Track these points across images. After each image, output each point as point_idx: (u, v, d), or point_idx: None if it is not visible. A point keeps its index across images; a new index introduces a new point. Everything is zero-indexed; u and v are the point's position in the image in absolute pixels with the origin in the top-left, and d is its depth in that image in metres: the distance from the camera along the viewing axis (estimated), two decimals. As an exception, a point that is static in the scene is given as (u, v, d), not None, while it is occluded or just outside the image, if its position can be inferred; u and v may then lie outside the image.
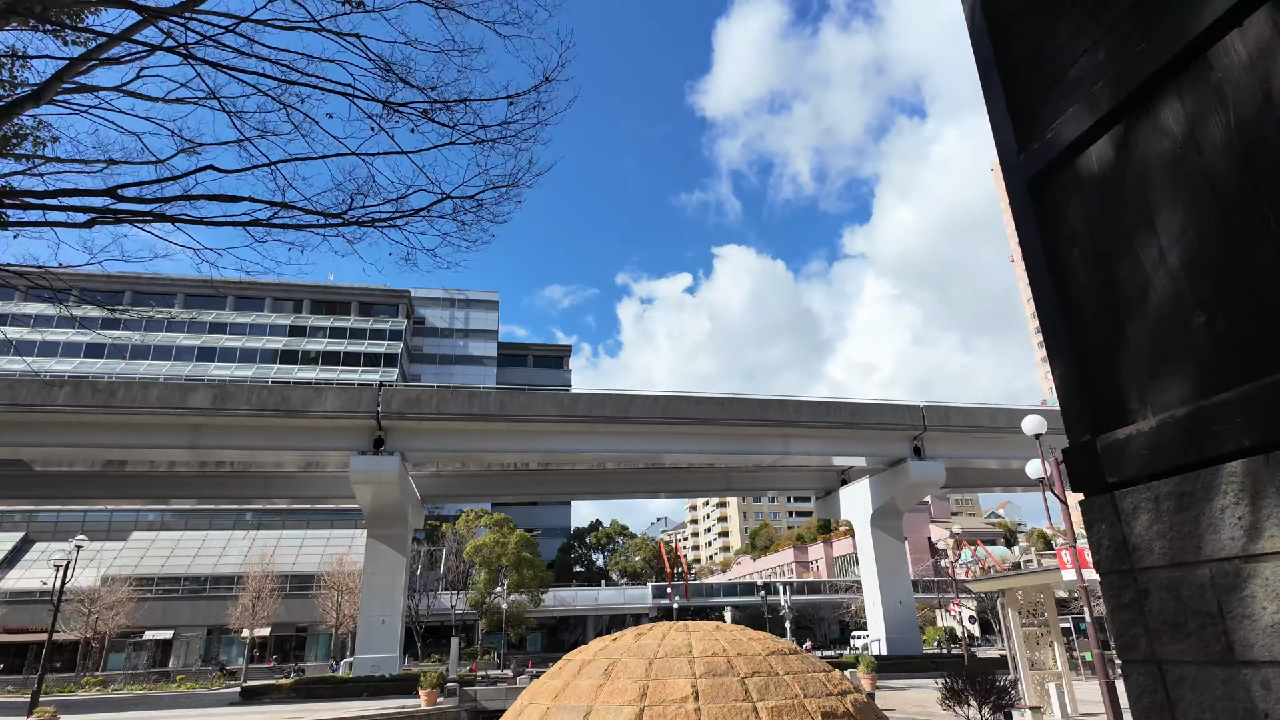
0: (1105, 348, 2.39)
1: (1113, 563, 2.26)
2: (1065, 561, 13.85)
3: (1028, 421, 15.14)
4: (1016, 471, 49.05)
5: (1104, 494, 2.31)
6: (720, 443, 40.46)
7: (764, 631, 14.42)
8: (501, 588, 59.91)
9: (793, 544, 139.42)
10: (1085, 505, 2.38)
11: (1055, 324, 2.57)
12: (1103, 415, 2.38)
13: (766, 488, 52.98)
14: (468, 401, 37.12)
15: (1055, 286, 2.56)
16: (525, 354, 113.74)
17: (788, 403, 40.70)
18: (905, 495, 42.96)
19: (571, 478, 50.13)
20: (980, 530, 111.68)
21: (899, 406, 41.98)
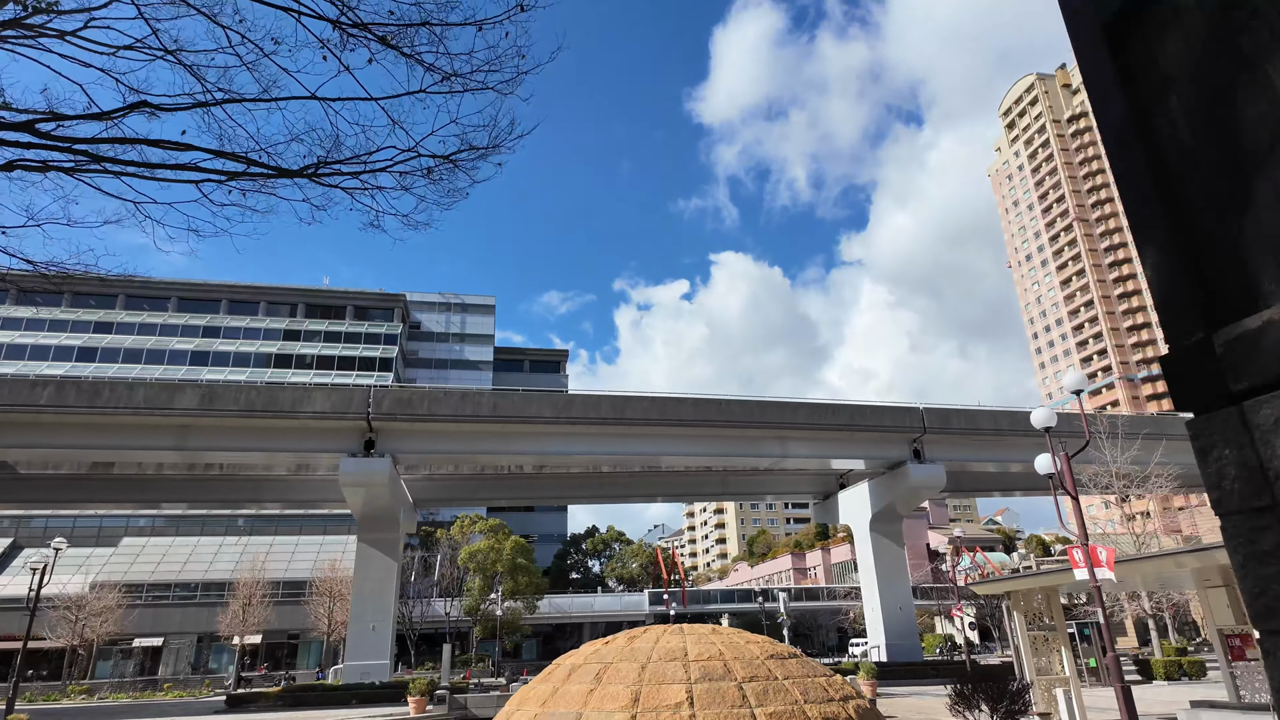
0: (1222, 215, 1.80)
1: (1244, 498, 1.67)
2: (1077, 560, 13.23)
3: (1037, 414, 14.56)
4: (1017, 475, 48.51)
5: (1227, 407, 1.72)
6: (717, 445, 39.79)
7: (764, 635, 13.64)
8: (496, 594, 59.09)
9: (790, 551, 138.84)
10: (1199, 425, 1.78)
11: (1146, 199, 1.98)
12: (1221, 304, 1.78)
13: (764, 492, 52.27)
14: (460, 403, 36.44)
15: (1147, 151, 1.98)
16: (521, 359, 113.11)
17: (785, 404, 40.08)
18: (905, 499, 42.32)
19: (566, 481, 49.44)
20: (979, 537, 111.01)
21: (898, 409, 41.38)
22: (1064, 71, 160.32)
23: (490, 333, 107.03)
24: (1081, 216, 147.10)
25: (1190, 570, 16.68)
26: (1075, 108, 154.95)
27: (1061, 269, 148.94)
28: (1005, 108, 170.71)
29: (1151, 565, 14.83)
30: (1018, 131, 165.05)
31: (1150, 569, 14.90)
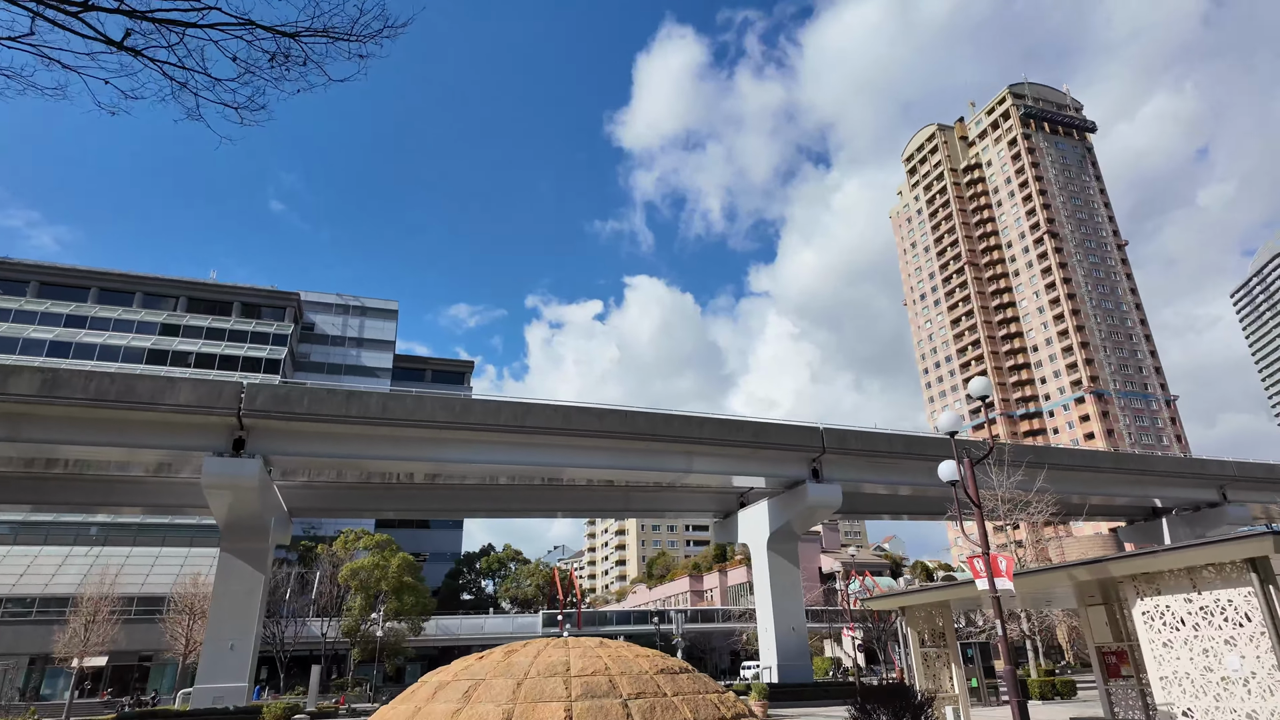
0: None
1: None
2: (978, 569, 12.90)
3: (943, 417, 14.25)
4: (907, 498, 49.78)
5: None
6: (622, 457, 38.74)
7: (655, 650, 12.36)
8: (378, 614, 55.50)
9: (689, 573, 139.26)
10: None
11: None
12: None
13: (666, 509, 51.53)
14: (345, 402, 33.86)
15: None
16: (424, 368, 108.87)
17: (692, 419, 39.53)
18: (802, 517, 42.49)
19: (462, 493, 47.09)
20: (868, 561, 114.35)
21: (800, 428, 41.65)
22: (961, 124, 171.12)
23: (391, 339, 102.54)
24: (972, 260, 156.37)
25: (1077, 586, 16.84)
26: (970, 159, 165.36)
27: (952, 309, 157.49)
28: (908, 154, 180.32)
29: (1048, 578, 14.77)
30: (918, 177, 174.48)
31: (1046, 581, 14.85)
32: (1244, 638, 11.27)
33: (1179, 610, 12.27)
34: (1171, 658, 12.33)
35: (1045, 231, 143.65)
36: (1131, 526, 61.71)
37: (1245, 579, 11.24)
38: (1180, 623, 12.23)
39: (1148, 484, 53.03)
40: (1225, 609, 11.57)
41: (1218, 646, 11.66)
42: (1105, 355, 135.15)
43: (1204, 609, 11.89)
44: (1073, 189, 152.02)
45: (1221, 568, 11.65)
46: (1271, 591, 10.97)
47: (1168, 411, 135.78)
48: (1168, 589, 12.46)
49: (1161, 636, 12.53)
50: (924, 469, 44.03)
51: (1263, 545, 10.79)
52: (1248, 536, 11.07)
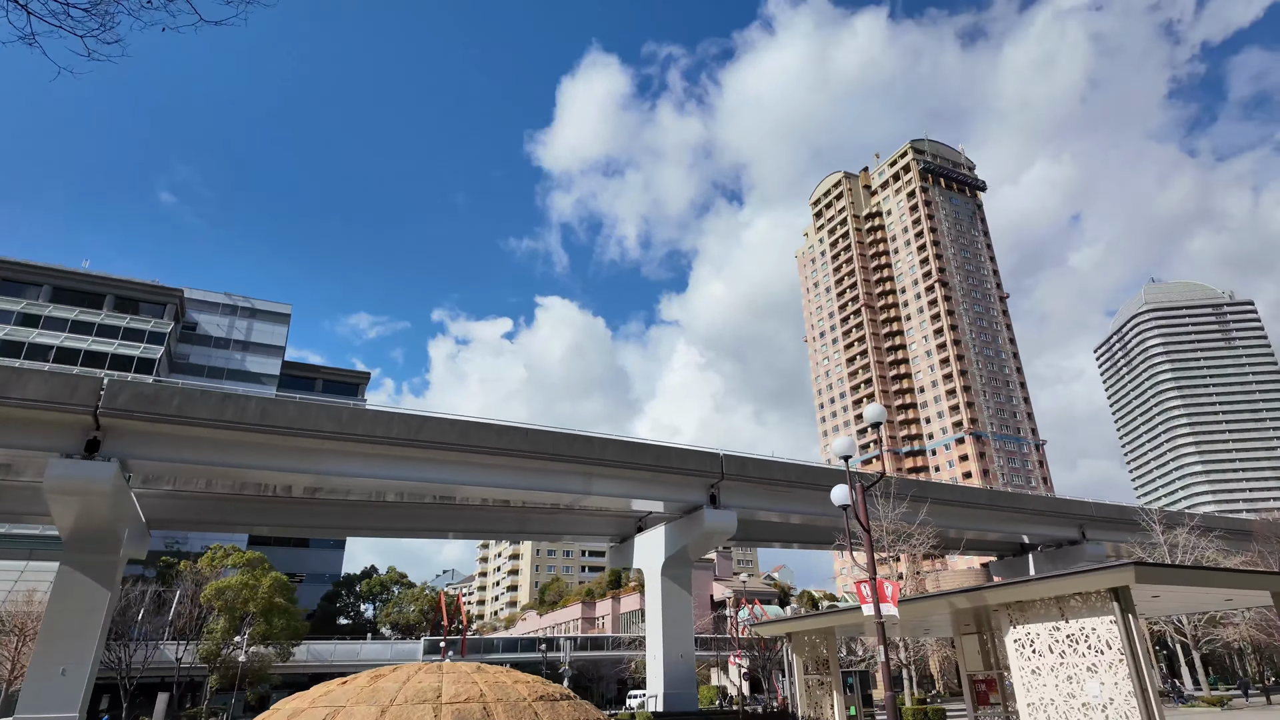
0: None
1: None
2: (864, 595, 13.00)
3: (838, 442, 14.42)
4: (799, 527, 50.88)
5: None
6: (519, 476, 37.65)
7: (536, 676, 11.64)
8: (242, 638, 51.45)
9: (581, 599, 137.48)
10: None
11: None
12: None
13: (564, 531, 50.50)
14: (220, 405, 31.35)
15: None
16: (314, 377, 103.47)
17: (595, 439, 39.01)
18: (698, 543, 42.57)
19: (345, 510, 44.58)
20: (759, 590, 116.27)
21: (701, 453, 41.89)
22: (866, 174, 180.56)
23: (280, 344, 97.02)
24: (869, 303, 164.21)
25: (954, 614, 17.36)
26: (872, 207, 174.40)
27: (849, 348, 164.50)
28: (815, 198, 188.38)
29: (929, 605, 15.09)
30: (823, 221, 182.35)
31: (927, 609, 15.18)
32: (1104, 665, 11.78)
33: (1047, 638, 12.75)
34: (1039, 685, 12.77)
35: (936, 280, 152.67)
36: (1001, 561, 65.38)
37: (1108, 608, 11.79)
38: (1048, 650, 12.71)
39: (1018, 521, 56.41)
40: (1089, 637, 12.09)
41: (1080, 674, 12.15)
42: (984, 399, 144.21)
43: (1070, 637, 12.40)
44: (962, 242, 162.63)
45: (1087, 597, 12.18)
46: (1130, 620, 11.52)
47: (1036, 455, 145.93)
48: (1038, 618, 12.94)
49: (1030, 664, 12.97)
50: (816, 498, 45.12)
51: (1124, 575, 11.34)
52: (1112, 567, 11.63)
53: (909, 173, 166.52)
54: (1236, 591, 12.97)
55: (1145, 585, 11.52)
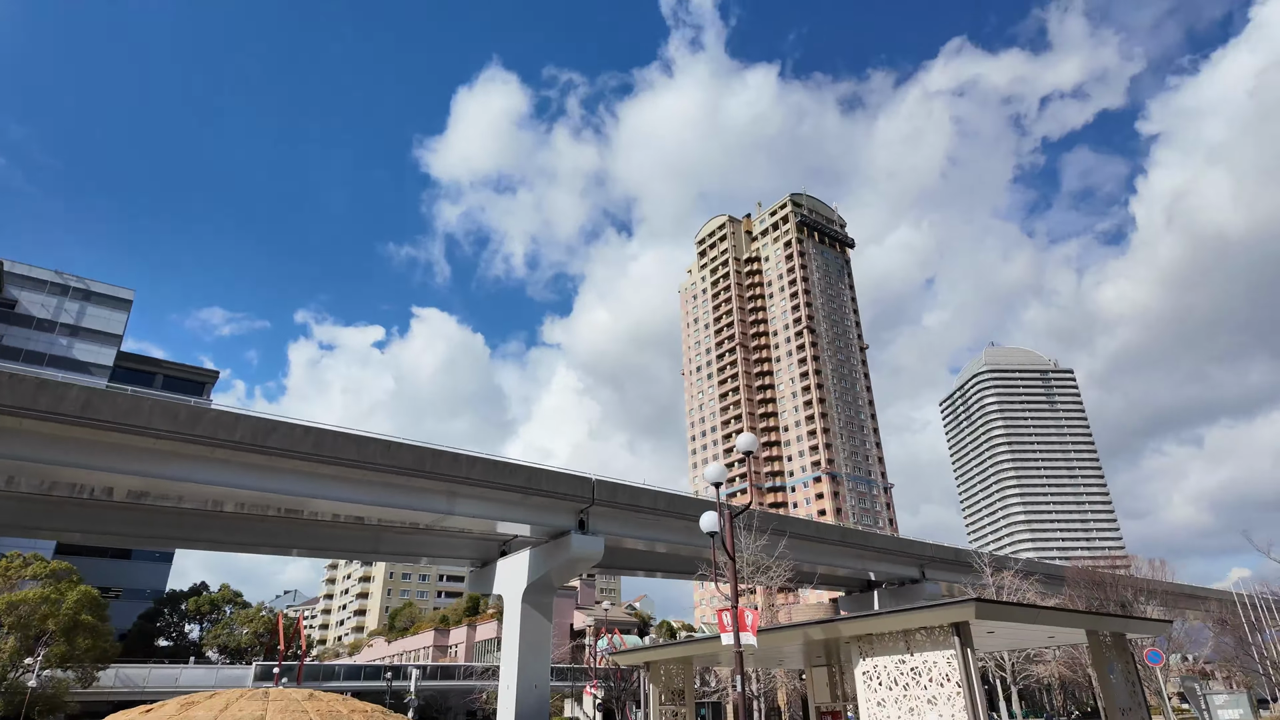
0: None
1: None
2: (725, 624, 13.06)
3: (709, 469, 14.55)
4: (664, 555, 51.28)
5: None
6: (377, 492, 35.59)
7: (378, 705, 10.78)
8: (36, 659, 45.20)
9: (435, 626, 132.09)
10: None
11: None
12: None
13: (422, 553, 48.12)
14: (35, 392, 27.65)
15: None
16: (154, 371, 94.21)
17: (461, 456, 37.50)
18: (563, 569, 41.85)
19: (176, 518, 40.50)
20: (619, 620, 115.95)
21: (573, 477, 41.37)
22: (749, 220, 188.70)
23: (118, 332, 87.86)
24: (743, 342, 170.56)
25: (807, 645, 17.83)
26: (752, 252, 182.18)
27: (722, 384, 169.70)
28: (700, 237, 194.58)
29: (785, 635, 15.38)
30: (707, 260, 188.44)
31: (783, 639, 15.48)
32: (944, 697, 12.39)
33: (893, 670, 13.29)
34: (884, 716, 13.25)
35: (805, 326, 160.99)
36: (849, 596, 68.76)
37: (950, 642, 12.44)
38: (894, 682, 13.23)
39: (867, 558, 59.57)
40: (931, 670, 12.70)
41: (921, 705, 12.71)
42: (841, 442, 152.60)
43: (914, 669, 12.97)
44: (831, 294, 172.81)
45: (931, 631, 12.81)
46: (969, 654, 12.21)
47: (885, 497, 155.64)
48: (886, 650, 13.47)
49: (877, 695, 13.45)
50: (683, 528, 45.65)
51: (966, 611, 12.02)
52: (955, 602, 12.31)
53: (787, 223, 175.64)
54: (1058, 629, 14.12)
55: (983, 621, 12.27)
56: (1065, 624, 13.48)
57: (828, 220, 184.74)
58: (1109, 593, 56.58)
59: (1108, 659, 14.76)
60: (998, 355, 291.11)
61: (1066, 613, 13.65)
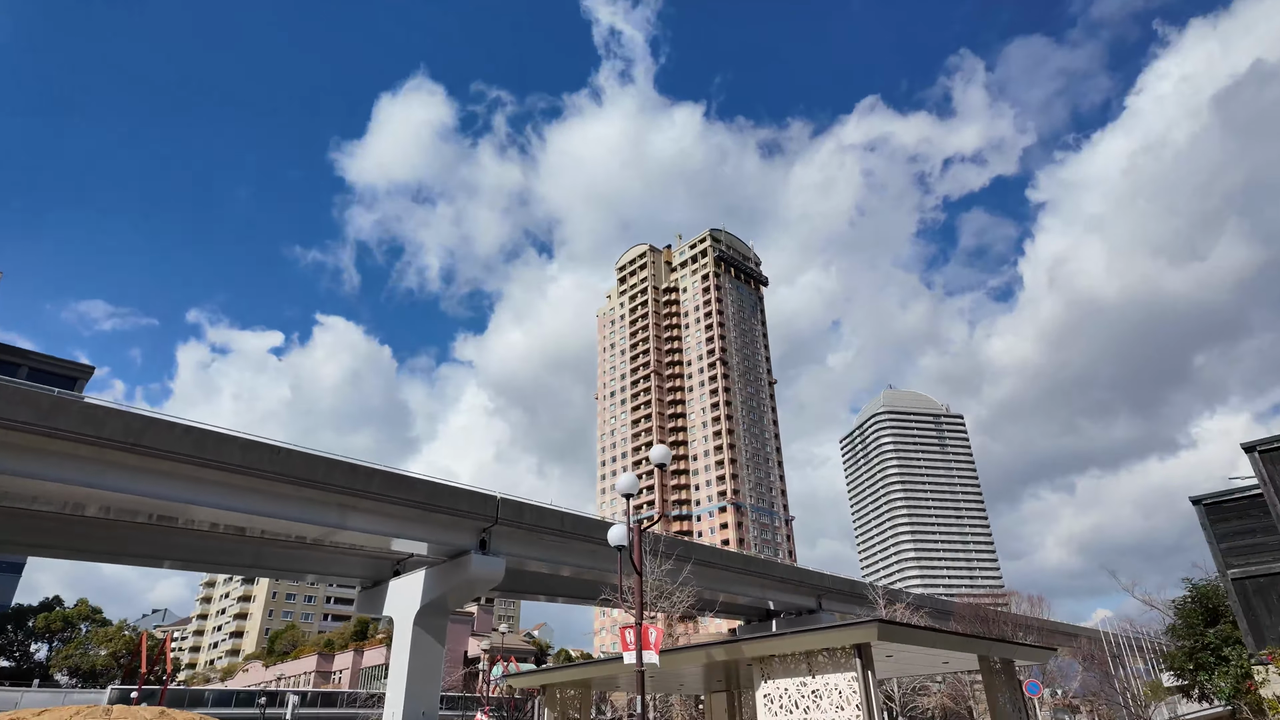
0: None
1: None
2: (628, 641, 12.59)
3: (621, 480, 14.17)
4: (567, 580, 50.23)
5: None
6: (262, 501, 33.20)
7: None
8: None
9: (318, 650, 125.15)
10: None
11: None
12: None
13: (308, 570, 45.17)
14: None
15: None
16: (20, 362, 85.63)
17: (359, 468, 35.54)
18: (461, 590, 40.18)
19: (29, 522, 36.51)
20: (516, 647, 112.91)
21: (476, 494, 39.95)
22: (669, 250, 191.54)
23: (-22, 318, 79.83)
24: (658, 370, 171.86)
25: (708, 668, 17.54)
26: (671, 282, 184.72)
27: (635, 410, 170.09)
28: (621, 264, 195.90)
29: (687, 656, 15.03)
30: (626, 287, 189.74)
31: (685, 660, 15.13)
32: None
33: (794, 693, 13.13)
34: (783, 739, 13.04)
35: (719, 359, 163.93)
36: (748, 626, 69.27)
37: (851, 664, 12.40)
38: (794, 705, 13.06)
39: (767, 587, 60.25)
40: (832, 693, 12.61)
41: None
42: (747, 473, 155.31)
43: (815, 692, 12.85)
44: (744, 328, 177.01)
45: (834, 653, 12.75)
46: (870, 676, 12.18)
47: (786, 529, 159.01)
48: (788, 673, 13.32)
49: (777, 719, 13.25)
50: (588, 551, 44.85)
51: (868, 632, 12.01)
52: (857, 623, 12.30)
53: (706, 257, 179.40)
54: (954, 655, 14.39)
55: (885, 643, 12.31)
56: (960, 648, 13.74)
57: (744, 257, 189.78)
58: (992, 627, 59.28)
59: (998, 686, 15.15)
60: (895, 398, 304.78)
61: (963, 637, 13.92)
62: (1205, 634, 15.66)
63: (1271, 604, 11.93)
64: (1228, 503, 13.50)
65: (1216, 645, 15.02)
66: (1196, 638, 15.93)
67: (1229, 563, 13.21)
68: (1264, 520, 12.80)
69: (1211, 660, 14.99)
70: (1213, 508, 13.74)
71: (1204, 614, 16.52)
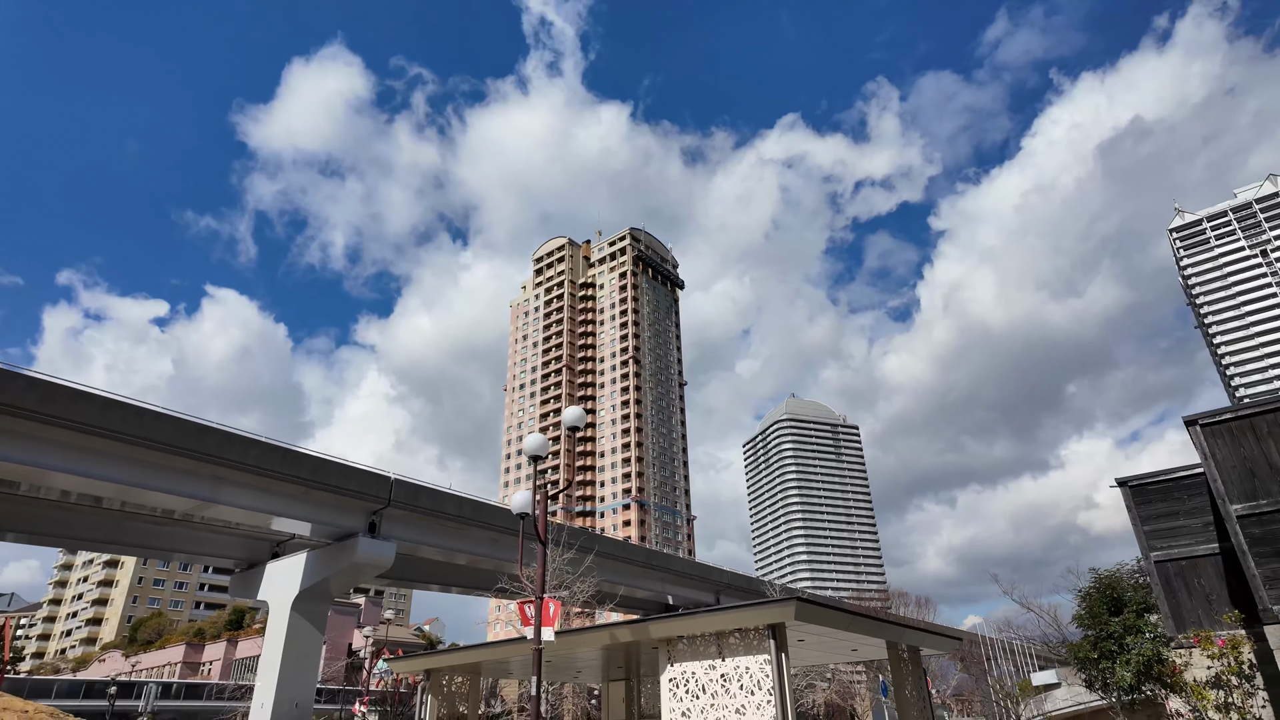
0: None
1: None
2: (527, 615, 11.39)
3: (529, 440, 12.93)
4: (462, 569, 48.14)
5: None
6: (124, 469, 29.73)
7: None
8: None
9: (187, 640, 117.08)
10: None
11: None
12: None
13: (175, 548, 41.11)
14: None
15: None
16: None
17: (236, 437, 32.35)
18: (345, 576, 37.53)
19: None
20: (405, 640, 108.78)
21: (368, 473, 37.38)
22: (587, 245, 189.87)
23: None
24: (570, 365, 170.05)
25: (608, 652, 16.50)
26: (588, 277, 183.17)
27: (545, 404, 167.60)
28: (538, 255, 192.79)
29: (591, 636, 13.93)
30: (542, 279, 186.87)
31: (585, 642, 14.01)
32: (753, 706, 11.49)
33: (703, 678, 12.26)
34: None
35: (632, 356, 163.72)
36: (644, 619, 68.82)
37: (764, 646, 11.61)
38: (702, 690, 12.19)
39: (668, 581, 59.90)
40: (743, 676, 11.79)
41: (729, 716, 11.73)
42: (653, 472, 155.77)
43: (725, 676, 12.01)
44: (658, 328, 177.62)
45: (746, 634, 11.95)
46: (783, 659, 11.43)
47: (687, 529, 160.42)
48: (696, 655, 12.44)
49: (683, 705, 12.33)
50: (488, 539, 43.04)
51: (784, 611, 11.24)
52: (773, 602, 11.52)
53: (624, 255, 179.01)
54: (865, 641, 13.91)
55: (800, 624, 11.59)
56: (875, 633, 13.25)
57: (662, 258, 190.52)
58: (879, 627, 61.03)
59: (904, 675, 14.82)
60: (797, 406, 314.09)
61: (878, 620, 13.44)
62: (1110, 623, 15.95)
63: (1192, 587, 12.09)
64: (1153, 486, 13.65)
65: (1119, 634, 15.29)
66: (1101, 626, 16.20)
67: (1152, 545, 13.34)
68: (1188, 503, 12.99)
69: (1114, 649, 15.24)
70: (1138, 490, 13.87)
71: (1107, 603, 16.86)
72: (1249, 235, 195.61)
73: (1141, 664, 13.90)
